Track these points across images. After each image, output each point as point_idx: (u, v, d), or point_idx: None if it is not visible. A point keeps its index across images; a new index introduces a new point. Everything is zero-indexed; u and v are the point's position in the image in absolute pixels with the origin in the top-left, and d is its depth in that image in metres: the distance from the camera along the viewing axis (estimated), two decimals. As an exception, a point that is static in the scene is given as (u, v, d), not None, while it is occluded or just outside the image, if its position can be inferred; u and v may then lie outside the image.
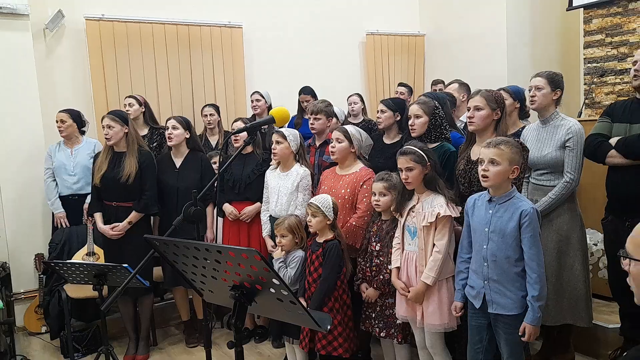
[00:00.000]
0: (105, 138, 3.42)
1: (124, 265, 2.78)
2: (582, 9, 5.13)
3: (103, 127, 3.42)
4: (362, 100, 4.96)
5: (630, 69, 2.87)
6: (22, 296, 4.19)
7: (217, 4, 5.22)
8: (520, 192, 2.48)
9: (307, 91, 4.76)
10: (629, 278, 1.18)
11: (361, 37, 6.06)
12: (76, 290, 3.58)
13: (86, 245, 3.70)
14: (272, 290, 1.37)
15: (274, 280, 1.32)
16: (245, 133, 3.62)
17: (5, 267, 4.10)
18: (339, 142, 3.06)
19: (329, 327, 1.41)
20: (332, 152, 3.10)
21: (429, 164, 2.54)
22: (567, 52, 5.59)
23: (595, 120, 3.08)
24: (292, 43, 5.59)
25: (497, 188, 2.29)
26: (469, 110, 2.68)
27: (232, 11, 5.28)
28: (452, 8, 6.04)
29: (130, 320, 3.64)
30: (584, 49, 5.16)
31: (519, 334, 2.25)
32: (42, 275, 3.94)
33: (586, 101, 5.01)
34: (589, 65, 5.14)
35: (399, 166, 2.58)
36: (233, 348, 1.48)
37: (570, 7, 5.20)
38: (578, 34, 5.27)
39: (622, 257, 1.18)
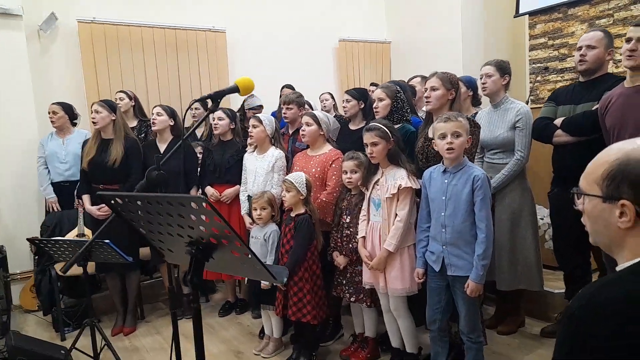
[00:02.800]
0: (92, 122, 3.18)
1: (105, 240, 2.54)
2: (527, 15, 5.03)
3: (91, 112, 3.17)
4: (332, 97, 4.83)
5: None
6: (19, 277, 3.91)
7: (202, 10, 4.98)
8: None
9: (288, 86, 4.59)
10: (583, 217, 1.00)
11: (334, 43, 5.88)
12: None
13: (76, 227, 3.43)
14: (225, 242, 1.16)
15: (225, 231, 1.11)
16: (226, 121, 3.44)
17: (2, 250, 3.81)
18: (309, 126, 2.87)
19: (285, 280, 1.21)
20: (303, 135, 2.91)
21: (392, 139, 2.37)
22: (515, 55, 5.47)
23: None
24: (272, 47, 5.37)
25: (456, 159, 2.12)
26: (426, 91, 2.50)
27: (216, 17, 5.04)
28: (414, 18, 5.91)
29: (118, 294, 3.39)
30: (529, 51, 5.06)
31: (464, 290, 2.09)
32: (35, 257, 3.66)
33: (531, 97, 4.90)
34: (533, 65, 5.04)
35: (364, 141, 2.40)
36: (193, 305, 1.27)
37: (517, 14, 5.10)
38: (524, 38, 5.15)
39: (576, 196, 0.99)
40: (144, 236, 1.41)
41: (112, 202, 1.31)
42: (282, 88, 4.68)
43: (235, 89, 1.74)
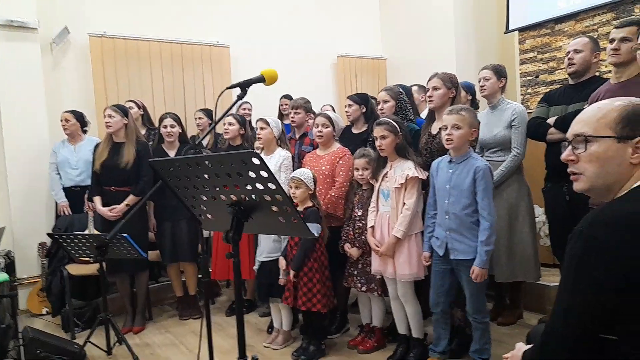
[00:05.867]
0: (107, 126, 3.33)
1: (123, 234, 2.68)
2: (517, 31, 5.34)
3: (104, 117, 3.33)
4: (333, 109, 5.03)
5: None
6: (26, 281, 3.97)
7: (207, 26, 5.22)
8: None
9: (286, 96, 4.87)
10: (578, 165, 1.13)
11: (333, 59, 6.15)
12: (77, 269, 3.42)
13: (87, 230, 3.54)
14: (267, 197, 1.32)
15: (269, 184, 1.28)
16: (236, 126, 3.60)
17: (10, 255, 3.89)
18: (326, 127, 3.04)
19: (317, 234, 1.37)
20: (319, 136, 3.05)
21: (400, 133, 2.56)
22: (506, 68, 5.77)
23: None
24: (273, 62, 5.52)
25: (458, 150, 2.32)
26: (428, 90, 2.72)
27: (220, 33, 5.28)
28: (408, 36, 6.20)
29: (128, 295, 3.48)
30: (519, 65, 5.36)
31: (469, 275, 2.24)
32: (44, 261, 3.75)
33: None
34: (524, 78, 5.33)
35: (374, 134, 2.58)
36: (231, 258, 1.42)
37: (507, 30, 5.41)
38: (514, 52, 5.46)
39: (573, 143, 1.15)
40: (185, 205, 1.56)
41: (160, 169, 1.47)
42: (281, 98, 4.94)
43: (261, 79, 1.92)
